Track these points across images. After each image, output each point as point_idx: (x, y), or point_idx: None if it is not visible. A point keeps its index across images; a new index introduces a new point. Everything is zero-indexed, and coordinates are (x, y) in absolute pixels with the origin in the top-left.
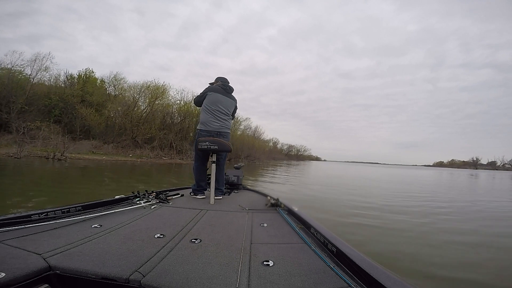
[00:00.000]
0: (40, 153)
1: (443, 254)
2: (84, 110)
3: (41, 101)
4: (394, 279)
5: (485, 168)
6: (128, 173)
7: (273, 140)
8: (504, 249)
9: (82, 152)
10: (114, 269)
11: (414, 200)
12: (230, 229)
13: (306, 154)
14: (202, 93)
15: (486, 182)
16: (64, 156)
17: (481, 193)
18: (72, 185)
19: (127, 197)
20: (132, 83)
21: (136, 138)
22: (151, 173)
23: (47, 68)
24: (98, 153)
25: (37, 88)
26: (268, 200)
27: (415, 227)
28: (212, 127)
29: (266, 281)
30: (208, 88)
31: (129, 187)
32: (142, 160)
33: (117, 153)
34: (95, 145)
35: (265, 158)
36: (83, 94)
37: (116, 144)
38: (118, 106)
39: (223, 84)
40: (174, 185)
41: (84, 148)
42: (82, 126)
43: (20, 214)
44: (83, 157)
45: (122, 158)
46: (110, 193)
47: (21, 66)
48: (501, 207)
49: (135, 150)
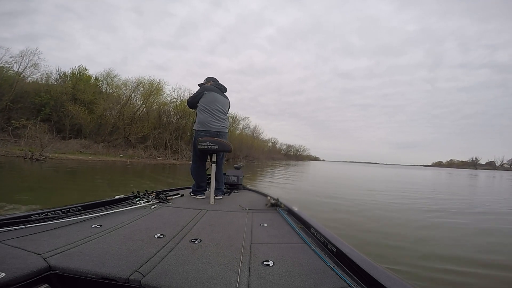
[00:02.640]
0: (18, 152)
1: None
2: (73, 107)
3: (30, 99)
4: (394, 279)
5: (484, 168)
6: (109, 175)
7: (272, 140)
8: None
9: (68, 151)
10: (114, 269)
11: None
12: (230, 229)
13: (305, 154)
14: (197, 93)
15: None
16: (43, 156)
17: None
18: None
19: (127, 197)
20: (125, 79)
21: (129, 137)
22: (134, 176)
23: (36, 64)
24: (86, 153)
25: (27, 86)
26: (268, 200)
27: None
28: (212, 127)
29: (266, 281)
30: (204, 88)
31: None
32: (132, 160)
33: (107, 153)
34: (84, 145)
35: (264, 158)
36: (74, 92)
37: (107, 144)
38: (110, 103)
39: (217, 83)
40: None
41: (72, 147)
42: (73, 125)
43: (20, 214)
44: (67, 157)
45: (111, 158)
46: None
47: (9, 63)
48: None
49: (128, 150)
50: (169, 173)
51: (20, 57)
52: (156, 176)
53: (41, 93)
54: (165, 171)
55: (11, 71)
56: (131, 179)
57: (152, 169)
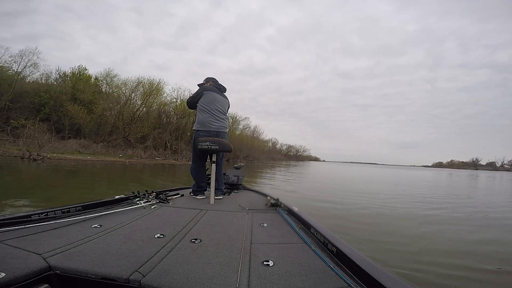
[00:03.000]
0: (16, 152)
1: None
2: (72, 107)
3: (30, 99)
4: (394, 279)
5: (484, 168)
6: (104, 177)
7: (272, 140)
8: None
9: (67, 151)
10: (114, 269)
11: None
12: (230, 229)
13: (305, 155)
14: (196, 93)
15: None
16: (41, 155)
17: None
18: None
19: (127, 197)
20: (125, 79)
21: (129, 137)
22: (130, 180)
23: (35, 64)
24: (85, 153)
25: (27, 86)
26: (268, 200)
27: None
28: (212, 127)
29: (266, 281)
30: (204, 88)
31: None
32: (131, 160)
33: (107, 153)
34: (83, 145)
35: (264, 159)
36: (73, 92)
37: (107, 144)
38: (110, 103)
39: (216, 84)
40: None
41: (71, 147)
42: (72, 124)
43: (20, 214)
44: (66, 157)
45: (110, 158)
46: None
47: (8, 62)
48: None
49: (127, 150)
50: (168, 174)
51: (19, 57)
52: (154, 178)
53: (41, 92)
54: (165, 172)
55: (11, 71)
56: (128, 182)
57: (151, 170)
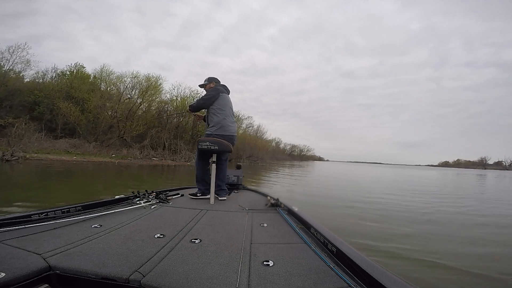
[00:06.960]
0: None
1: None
2: (64, 105)
3: (24, 97)
4: (394, 279)
5: (493, 168)
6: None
7: (275, 140)
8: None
9: (52, 151)
10: (114, 269)
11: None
12: (230, 229)
13: (309, 154)
14: (214, 94)
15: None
16: (15, 156)
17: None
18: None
19: (127, 197)
20: (120, 74)
21: (124, 135)
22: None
23: (27, 61)
24: (73, 153)
25: (22, 85)
26: (268, 200)
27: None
28: (230, 131)
29: (266, 281)
30: (219, 90)
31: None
32: (122, 161)
33: (99, 153)
34: (74, 144)
35: (268, 159)
36: (68, 90)
37: (100, 143)
38: (103, 100)
39: (224, 85)
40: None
41: (60, 147)
42: (66, 123)
43: (20, 214)
44: (48, 157)
45: (100, 158)
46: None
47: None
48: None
49: (122, 150)
50: (151, 179)
51: (8, 53)
52: (124, 187)
53: (35, 91)
54: (150, 176)
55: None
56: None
57: (142, 174)
